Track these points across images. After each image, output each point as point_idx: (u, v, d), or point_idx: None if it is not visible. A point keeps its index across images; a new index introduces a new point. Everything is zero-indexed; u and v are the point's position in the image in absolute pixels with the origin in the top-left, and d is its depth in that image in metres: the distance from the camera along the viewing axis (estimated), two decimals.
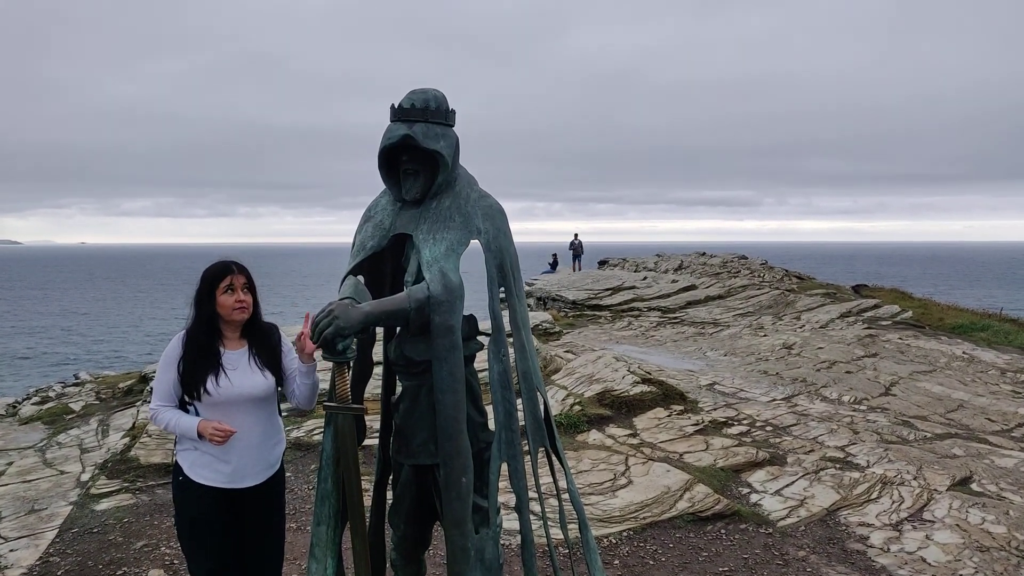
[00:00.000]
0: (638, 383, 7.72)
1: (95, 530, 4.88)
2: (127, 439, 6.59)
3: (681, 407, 7.42)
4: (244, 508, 2.96)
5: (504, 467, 2.78)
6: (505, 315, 2.81)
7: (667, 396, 7.58)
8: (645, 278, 21.63)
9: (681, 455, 6.12)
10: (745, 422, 7.25)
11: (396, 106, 2.75)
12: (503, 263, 2.78)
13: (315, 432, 6.45)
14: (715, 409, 7.71)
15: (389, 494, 3.13)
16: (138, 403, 7.95)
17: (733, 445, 6.35)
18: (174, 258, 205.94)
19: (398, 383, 3.04)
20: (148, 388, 8.23)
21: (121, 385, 9.22)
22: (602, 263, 30.27)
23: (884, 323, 15.46)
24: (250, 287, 2.91)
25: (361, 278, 2.91)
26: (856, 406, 8.34)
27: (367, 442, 4.62)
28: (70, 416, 8.08)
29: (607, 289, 19.91)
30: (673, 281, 20.94)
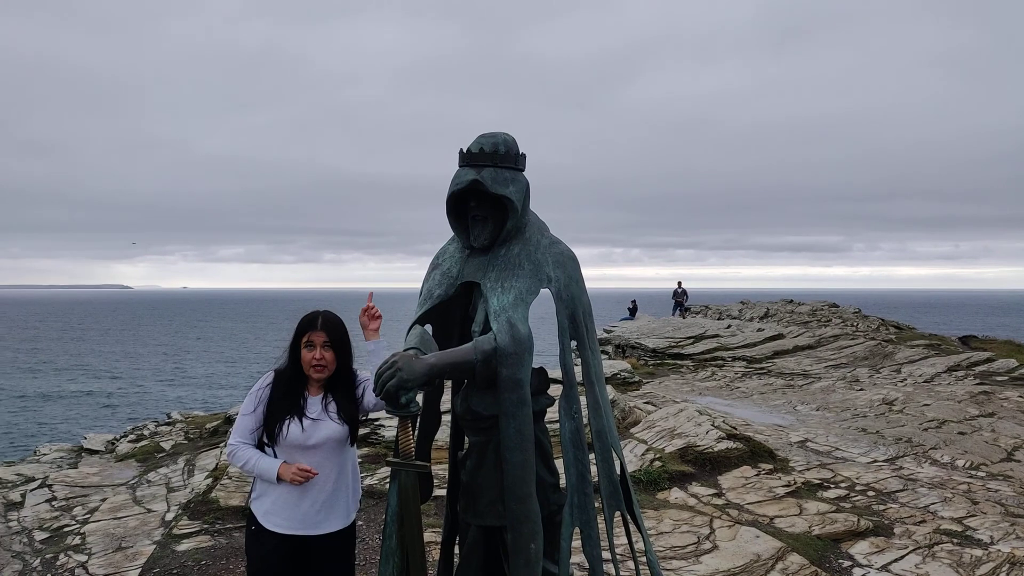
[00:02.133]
0: (723, 438, 7.34)
1: (174, 571, 4.94)
2: (209, 480, 6.72)
3: (770, 466, 6.99)
4: (315, 557, 2.92)
5: (577, 531, 2.61)
6: (577, 368, 2.68)
7: (755, 453, 7.17)
8: (729, 326, 20.94)
9: (772, 519, 5.72)
10: (843, 485, 6.74)
11: (465, 150, 2.71)
12: (575, 313, 2.66)
13: (387, 480, 6.39)
14: (808, 469, 7.22)
15: (457, 551, 3.01)
16: (221, 444, 8.13)
17: (831, 511, 5.89)
18: (264, 302, 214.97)
19: (466, 436, 2.94)
20: (231, 429, 8.45)
21: (208, 425, 9.50)
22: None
23: (1000, 379, 14.29)
24: (332, 344, 2.87)
25: (428, 327, 2.85)
26: (973, 472, 7.64)
27: (439, 492, 4.53)
28: (161, 455, 8.35)
29: (689, 337, 19.36)
30: (759, 330, 20.17)
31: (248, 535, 2.97)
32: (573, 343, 2.68)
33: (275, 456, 2.89)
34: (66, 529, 5.95)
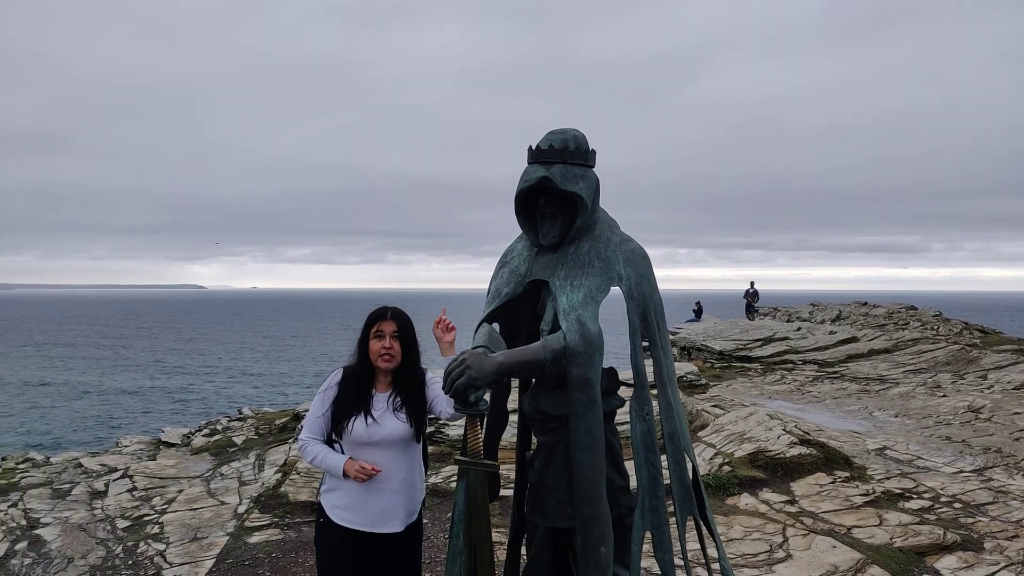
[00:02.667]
0: (795, 444, 7.09)
1: (246, 562, 5.06)
2: (279, 475, 6.88)
3: (847, 473, 6.71)
4: (382, 554, 2.94)
5: (648, 535, 2.54)
6: (649, 368, 2.61)
7: (829, 460, 6.90)
8: (799, 328, 20.30)
9: (849, 529, 5.48)
10: (927, 496, 6.41)
11: (534, 147, 2.67)
12: (647, 312, 2.59)
13: (452, 479, 6.42)
14: (888, 478, 6.90)
15: (524, 552, 2.97)
16: (290, 440, 8.32)
17: (913, 522, 5.61)
18: (330, 302, 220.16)
19: (534, 436, 2.90)
20: (300, 426, 8.64)
21: (277, 422, 9.74)
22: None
23: None
24: (400, 336, 2.92)
25: (496, 326, 2.82)
26: None
27: (504, 492, 4.50)
28: (233, 449, 8.60)
29: (757, 340, 18.85)
30: (831, 332, 19.48)
31: (317, 527, 3.02)
32: (645, 342, 2.60)
33: (342, 451, 2.91)
34: (146, 518, 6.18)
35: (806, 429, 8.06)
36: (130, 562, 5.22)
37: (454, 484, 6.27)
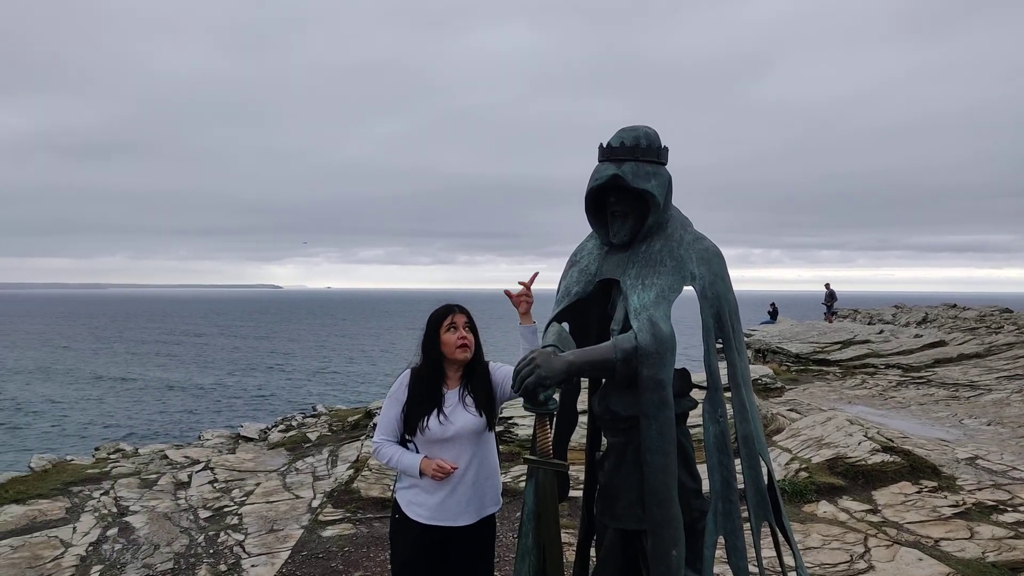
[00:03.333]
0: (878, 451, 6.79)
1: (320, 555, 5.19)
2: (351, 471, 7.03)
3: (934, 483, 6.38)
4: (456, 548, 2.96)
5: (720, 540, 2.47)
6: (723, 369, 2.54)
7: (915, 469, 6.57)
8: (881, 331, 19.48)
9: (936, 541, 5.21)
10: (1023, 508, 6.05)
11: (604, 145, 2.63)
12: (721, 312, 2.52)
13: (521, 479, 6.42)
14: (980, 489, 6.53)
15: (593, 554, 2.94)
16: (362, 437, 8.50)
17: (1008, 536, 5.29)
18: (402, 302, 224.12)
19: (603, 437, 2.86)
20: (372, 423, 8.80)
21: (350, 419, 9.96)
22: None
23: None
24: (471, 326, 2.96)
25: (565, 325, 2.80)
26: None
27: (573, 494, 4.47)
28: (307, 445, 8.85)
29: (836, 343, 18.18)
30: (916, 336, 18.62)
31: (392, 523, 3.06)
32: (718, 343, 2.54)
33: (416, 450, 2.94)
34: (226, 509, 6.42)
35: (889, 436, 7.72)
36: (211, 551, 5.42)
37: (523, 484, 6.28)
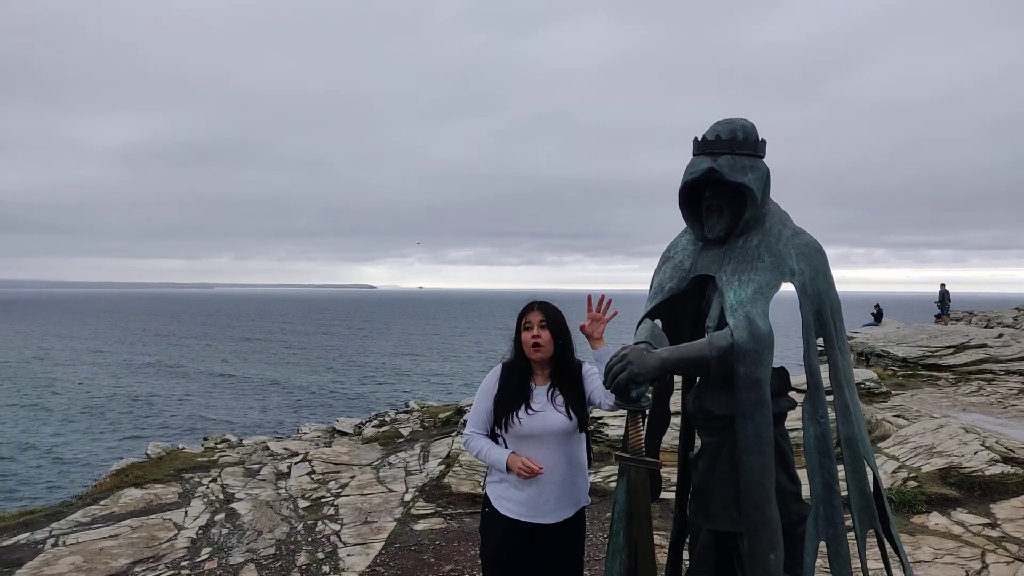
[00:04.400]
0: (997, 461, 6.34)
1: (413, 548, 5.31)
2: (442, 467, 7.16)
3: None
4: (545, 545, 2.97)
5: (822, 547, 2.37)
6: (824, 369, 2.43)
7: None
8: (1000, 335, 18.16)
9: None
10: None
11: (699, 139, 2.57)
12: (822, 309, 2.42)
13: (611, 479, 6.37)
14: None
15: (685, 556, 2.88)
16: (453, 433, 8.64)
17: None
18: (491, 302, 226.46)
19: (697, 436, 2.80)
20: (462, 420, 8.94)
21: (441, 415, 10.15)
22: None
23: None
24: (548, 324, 2.94)
25: (658, 322, 2.75)
26: None
27: (664, 495, 4.40)
28: (399, 440, 9.07)
29: (948, 347, 17.08)
30: None
31: (483, 516, 3.09)
32: (819, 341, 2.43)
33: (505, 444, 2.97)
34: (323, 500, 6.67)
35: (1010, 446, 7.19)
36: (310, 539, 5.64)
37: (613, 483, 6.22)
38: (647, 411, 2.55)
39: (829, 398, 2.41)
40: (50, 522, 6.45)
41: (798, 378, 2.65)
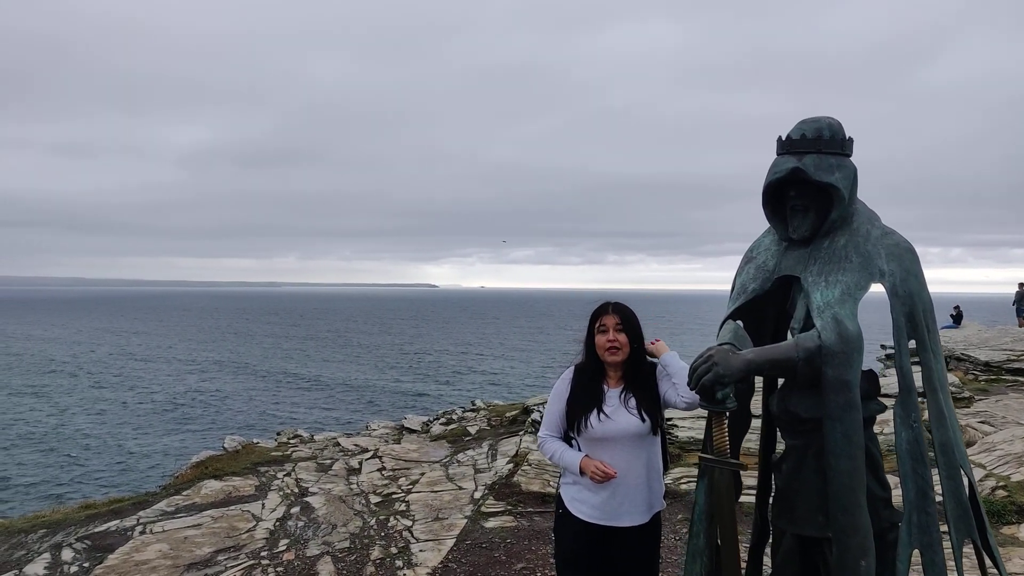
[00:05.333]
0: None
1: (484, 545, 5.38)
2: (511, 465, 7.22)
3: None
4: (619, 548, 2.96)
5: (916, 555, 2.30)
6: (916, 372, 2.37)
7: None
8: None
9: None
10: None
11: (784, 138, 2.54)
12: (914, 310, 2.35)
13: (681, 480, 6.31)
14: None
15: (766, 559, 2.85)
16: (520, 432, 8.70)
17: None
18: (553, 302, 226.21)
19: (778, 439, 2.76)
20: (529, 419, 8.98)
21: (507, 414, 10.22)
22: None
23: None
24: (624, 327, 2.91)
25: (740, 323, 2.72)
26: None
27: (741, 498, 4.34)
28: (467, 438, 9.18)
29: None
30: None
31: (556, 517, 3.10)
32: (911, 344, 2.37)
33: (579, 447, 2.97)
34: (394, 496, 6.81)
35: None
36: (383, 534, 5.77)
37: (683, 485, 6.16)
38: (732, 412, 2.53)
39: (921, 401, 2.35)
40: (137, 510, 6.78)
41: (885, 379, 2.58)
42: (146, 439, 23.55)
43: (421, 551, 5.33)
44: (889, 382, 4.87)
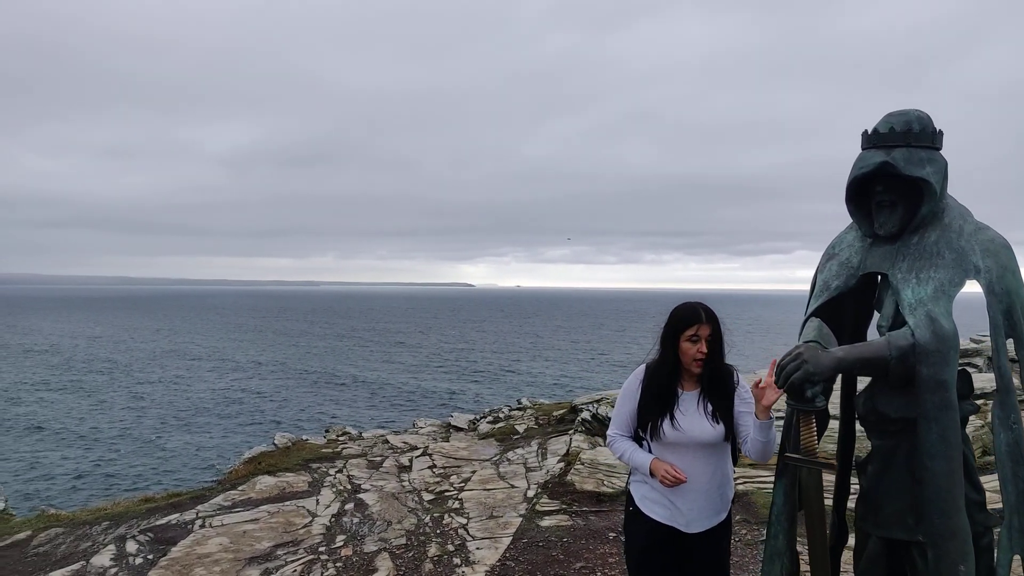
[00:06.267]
0: None
1: (540, 544, 5.37)
2: (562, 464, 7.20)
3: None
4: (690, 551, 2.93)
5: (1016, 561, 2.24)
6: (1014, 372, 2.30)
7: None
8: None
9: None
10: None
11: (870, 131, 2.48)
12: (1011, 308, 2.29)
13: (739, 481, 6.22)
14: None
15: (845, 562, 2.79)
16: (570, 431, 8.67)
17: None
18: (590, 301, 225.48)
19: (855, 439, 2.70)
20: (579, 419, 8.95)
21: (555, 413, 10.20)
22: None
23: None
24: (713, 338, 2.81)
25: (822, 322, 2.67)
26: None
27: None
28: (515, 436, 9.18)
29: None
30: None
31: (627, 515, 3.08)
32: (1009, 342, 2.30)
33: (649, 448, 2.93)
34: (446, 494, 6.84)
35: None
36: (438, 531, 5.80)
37: (741, 487, 6.07)
38: (821, 411, 2.48)
39: (1022, 402, 2.28)
40: (195, 504, 6.93)
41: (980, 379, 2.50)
42: (194, 435, 24.10)
43: (478, 549, 5.35)
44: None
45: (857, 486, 2.63)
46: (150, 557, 5.56)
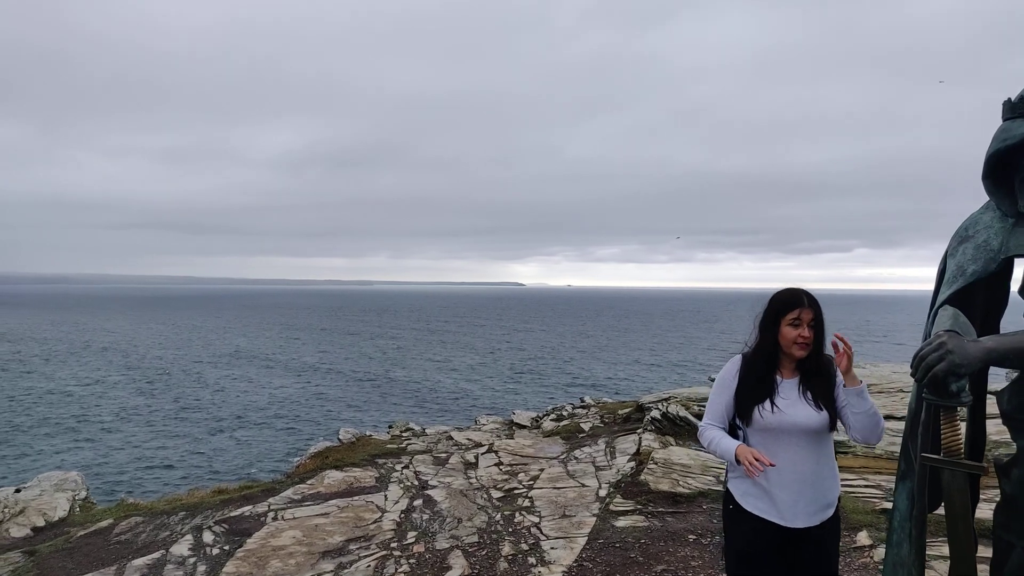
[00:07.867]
0: None
1: (617, 544, 5.21)
2: (633, 464, 7.01)
3: None
4: (795, 549, 2.77)
5: None
6: None
7: None
8: None
9: None
10: None
11: (1013, 100, 2.25)
12: None
13: (844, 483, 5.95)
14: None
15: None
16: (638, 430, 8.47)
17: None
18: (642, 300, 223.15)
19: (986, 439, 2.46)
20: (648, 417, 8.73)
21: (620, 412, 10.00)
22: None
23: None
24: (815, 323, 2.75)
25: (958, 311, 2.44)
26: None
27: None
28: (581, 435, 9.03)
29: None
30: None
31: (726, 513, 2.95)
32: None
33: (746, 439, 2.80)
34: (515, 491, 6.73)
35: None
36: (510, 529, 5.69)
37: (843, 489, 5.79)
38: (966, 407, 2.26)
39: None
40: (267, 497, 6.99)
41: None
42: (260, 430, 24.65)
43: (552, 548, 5.22)
44: None
45: (987, 493, 2.41)
46: (226, 548, 5.60)
